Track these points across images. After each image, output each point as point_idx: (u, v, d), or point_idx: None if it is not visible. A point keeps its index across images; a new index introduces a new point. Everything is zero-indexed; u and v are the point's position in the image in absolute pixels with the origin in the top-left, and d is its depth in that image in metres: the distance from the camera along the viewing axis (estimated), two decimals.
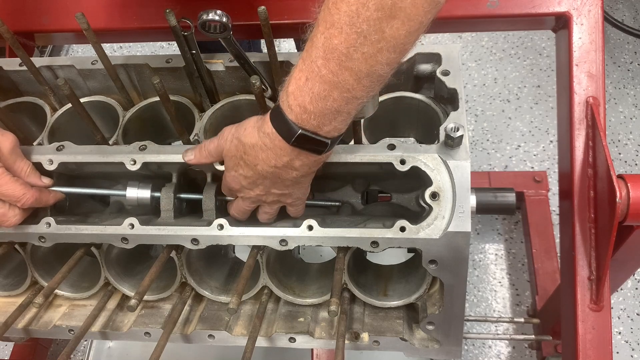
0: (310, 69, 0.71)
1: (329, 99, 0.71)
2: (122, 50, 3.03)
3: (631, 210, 1.03)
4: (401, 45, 0.68)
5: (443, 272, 0.91)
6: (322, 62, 0.69)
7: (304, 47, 0.72)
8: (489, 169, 2.47)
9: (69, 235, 0.98)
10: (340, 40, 0.67)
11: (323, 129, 0.75)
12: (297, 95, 0.73)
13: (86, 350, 2.01)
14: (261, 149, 0.80)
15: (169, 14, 0.94)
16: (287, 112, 0.75)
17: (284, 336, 1.04)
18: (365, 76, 0.69)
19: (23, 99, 1.19)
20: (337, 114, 0.73)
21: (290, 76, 0.75)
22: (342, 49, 0.67)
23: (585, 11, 1.23)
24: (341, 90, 0.70)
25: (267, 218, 0.95)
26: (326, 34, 0.67)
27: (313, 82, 0.71)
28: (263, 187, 0.87)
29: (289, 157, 0.79)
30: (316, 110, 0.73)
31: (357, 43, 0.66)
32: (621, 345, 2.06)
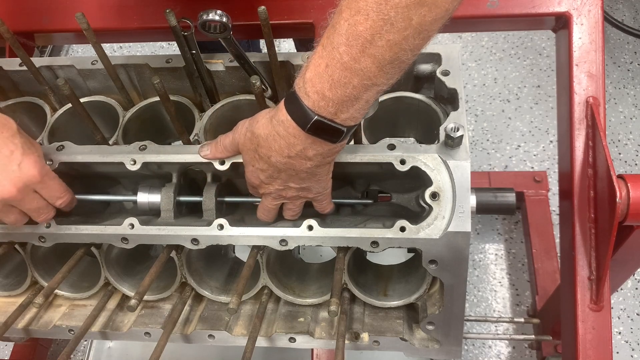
0: (331, 55, 0.70)
1: (348, 85, 0.71)
2: (122, 50, 3.03)
3: (631, 210, 1.03)
4: (426, 32, 0.68)
5: (443, 272, 0.91)
6: (345, 49, 0.69)
7: (322, 33, 0.72)
8: (489, 169, 2.47)
9: (69, 235, 0.98)
10: (366, 27, 0.66)
11: (340, 116, 0.75)
12: (316, 82, 0.73)
13: (86, 350, 2.01)
14: (274, 139, 0.80)
15: (169, 14, 0.94)
16: (304, 98, 0.74)
17: (284, 336, 1.04)
18: (388, 63, 0.69)
19: (23, 99, 1.19)
20: (355, 101, 0.73)
21: (308, 63, 0.74)
22: (367, 36, 0.67)
23: (585, 11, 1.23)
24: (362, 77, 0.70)
25: (291, 215, 0.95)
26: (350, 20, 0.67)
27: (333, 68, 0.70)
28: (280, 181, 0.87)
29: (302, 145, 0.78)
30: (335, 97, 0.72)
31: (383, 30, 0.66)
32: (621, 345, 2.06)
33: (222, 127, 1.12)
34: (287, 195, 0.90)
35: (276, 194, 0.90)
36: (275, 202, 0.92)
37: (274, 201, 0.92)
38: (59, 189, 0.94)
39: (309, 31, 1.32)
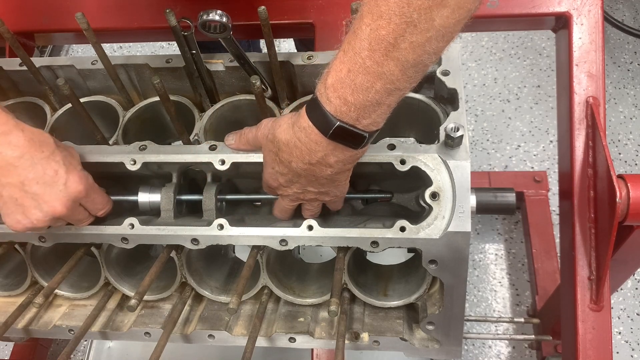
0: (353, 60, 0.70)
1: (371, 90, 0.71)
2: (122, 50, 3.03)
3: (631, 210, 1.03)
4: (449, 33, 0.68)
5: (443, 272, 0.91)
6: (367, 54, 0.69)
7: (344, 39, 0.72)
8: (489, 169, 2.47)
9: (69, 235, 0.98)
10: (389, 30, 0.66)
11: (362, 122, 0.74)
12: (338, 87, 0.72)
13: (86, 350, 2.00)
14: (295, 146, 0.80)
15: (169, 14, 0.94)
16: (326, 104, 0.74)
17: (284, 336, 1.04)
18: (412, 66, 0.69)
19: (23, 99, 1.19)
20: (377, 106, 0.73)
21: (329, 69, 0.74)
22: (390, 39, 0.67)
23: (585, 11, 1.23)
24: (385, 81, 0.70)
25: (310, 215, 0.95)
26: (373, 25, 0.67)
27: (356, 73, 0.70)
28: (300, 185, 0.87)
29: (323, 152, 0.78)
30: (357, 102, 0.72)
31: (406, 32, 0.66)
32: (621, 345, 2.06)
33: (222, 127, 1.12)
34: (305, 198, 0.90)
35: (294, 196, 0.90)
36: (293, 204, 0.93)
37: (291, 202, 0.92)
38: (101, 201, 0.96)
39: (309, 31, 1.33)
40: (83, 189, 0.89)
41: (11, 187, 0.84)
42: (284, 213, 0.96)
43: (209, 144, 0.97)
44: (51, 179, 0.85)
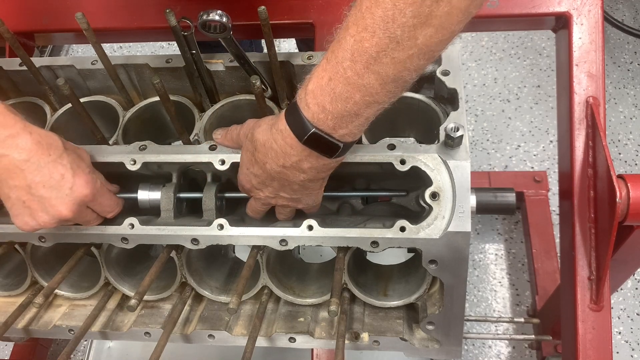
0: (335, 69, 0.71)
1: (350, 101, 0.71)
2: (122, 50, 3.03)
3: (631, 210, 1.03)
4: (431, 52, 0.68)
5: (443, 272, 0.91)
6: (349, 64, 0.69)
7: (328, 47, 0.73)
8: (489, 169, 2.47)
9: (69, 235, 0.98)
10: (372, 43, 0.67)
11: (338, 131, 0.75)
12: (317, 94, 0.73)
13: (86, 350, 2.01)
14: (271, 147, 0.81)
15: (169, 14, 0.94)
16: (304, 109, 0.75)
17: (284, 336, 1.04)
18: (392, 81, 0.70)
19: (23, 99, 1.19)
20: (355, 117, 0.73)
21: (311, 75, 0.75)
22: (372, 52, 0.67)
23: (585, 11, 1.23)
24: (364, 93, 0.71)
25: (283, 218, 0.96)
26: (357, 37, 0.68)
27: (336, 82, 0.71)
28: (272, 189, 0.87)
29: (298, 157, 0.79)
30: (335, 111, 0.73)
31: (389, 48, 0.66)
32: (621, 345, 2.06)
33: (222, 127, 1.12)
34: (277, 203, 0.91)
35: (266, 200, 0.91)
36: (264, 207, 0.94)
37: (262, 206, 0.94)
38: (109, 204, 0.96)
39: (309, 31, 1.33)
40: (89, 193, 0.89)
41: (18, 189, 0.84)
42: (256, 214, 0.96)
43: (209, 144, 0.97)
44: (57, 183, 0.85)
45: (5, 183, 0.84)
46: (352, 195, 1.09)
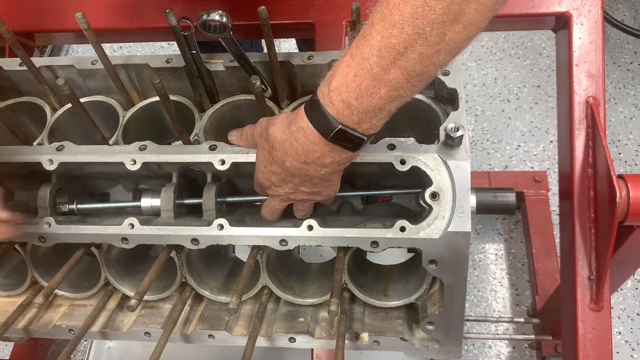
0: (360, 65, 0.71)
1: (375, 96, 0.72)
2: (122, 50, 3.03)
3: (631, 210, 1.03)
4: (457, 48, 0.69)
5: (443, 272, 0.91)
6: (376, 60, 0.69)
7: (351, 43, 0.73)
8: (489, 169, 2.47)
9: (69, 235, 0.98)
10: (400, 39, 0.67)
11: (362, 126, 0.76)
12: (342, 91, 0.73)
13: (86, 350, 2.00)
14: (290, 145, 0.81)
15: (169, 14, 0.94)
16: (328, 106, 0.75)
17: (284, 336, 1.04)
18: (417, 75, 0.70)
19: (23, 99, 1.19)
20: (379, 111, 0.74)
21: (334, 71, 0.75)
22: (400, 48, 0.67)
23: (585, 11, 1.23)
24: (390, 88, 0.71)
25: (302, 215, 0.96)
26: (384, 33, 0.68)
27: (362, 78, 0.71)
28: (292, 185, 0.87)
29: (320, 152, 0.79)
30: (360, 107, 0.73)
31: (417, 44, 0.67)
32: (621, 345, 2.06)
33: (222, 127, 1.12)
34: (296, 198, 0.91)
35: (285, 196, 0.90)
36: (283, 204, 0.93)
37: (281, 202, 0.93)
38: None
39: (309, 31, 1.32)
40: None
41: None
42: (273, 213, 0.96)
43: (209, 144, 0.97)
44: None
45: None
46: (357, 194, 1.08)
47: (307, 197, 0.90)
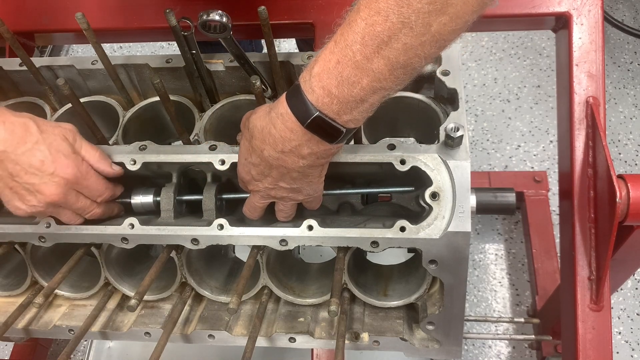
0: (343, 52, 0.69)
1: (357, 85, 0.70)
2: (122, 50, 3.03)
3: (631, 210, 1.03)
4: (443, 41, 0.68)
5: (443, 272, 0.91)
6: (359, 48, 0.68)
7: (336, 30, 0.71)
8: (489, 169, 2.47)
9: (69, 235, 0.98)
10: (384, 27, 0.65)
11: (342, 117, 0.73)
12: (324, 77, 0.71)
13: (86, 350, 2.01)
14: (269, 132, 0.78)
15: (169, 14, 0.94)
16: (308, 92, 0.73)
17: (284, 336, 1.04)
18: (401, 67, 0.69)
19: (23, 99, 1.19)
20: (360, 102, 0.72)
21: (317, 57, 0.73)
22: (384, 37, 0.66)
23: (585, 11, 1.23)
24: (372, 78, 0.69)
25: (284, 217, 0.94)
26: (369, 20, 0.66)
27: (344, 66, 0.69)
28: (271, 179, 0.85)
29: (298, 141, 0.77)
30: (340, 96, 0.71)
31: (401, 33, 0.65)
32: (621, 345, 2.06)
33: (222, 127, 1.12)
34: (277, 196, 0.89)
35: (265, 192, 0.89)
36: (263, 201, 0.91)
37: (262, 200, 0.91)
38: (97, 188, 0.95)
39: (309, 31, 1.33)
40: (72, 175, 0.89)
41: (4, 179, 0.88)
42: (254, 211, 0.94)
43: (209, 144, 0.97)
44: (38, 169, 0.87)
45: None
46: (356, 192, 1.08)
47: (287, 195, 0.88)
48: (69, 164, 0.89)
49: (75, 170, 0.90)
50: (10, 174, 0.87)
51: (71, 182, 0.90)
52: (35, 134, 0.87)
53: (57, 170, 0.88)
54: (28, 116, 0.90)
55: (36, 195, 0.89)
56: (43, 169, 0.87)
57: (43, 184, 0.88)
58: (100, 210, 0.97)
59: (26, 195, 0.89)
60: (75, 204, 0.93)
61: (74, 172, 0.90)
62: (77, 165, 0.91)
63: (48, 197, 0.89)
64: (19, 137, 0.86)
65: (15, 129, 0.86)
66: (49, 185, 0.88)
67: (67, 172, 0.89)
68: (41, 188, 0.88)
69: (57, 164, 0.88)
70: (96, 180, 0.95)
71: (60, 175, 0.88)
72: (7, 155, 0.85)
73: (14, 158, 0.86)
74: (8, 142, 0.85)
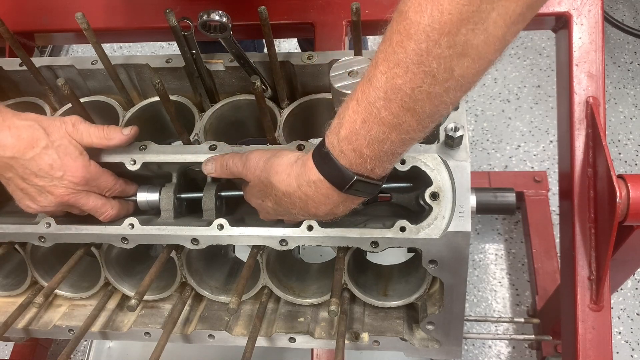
0: (368, 110, 0.67)
1: (386, 142, 0.68)
2: (122, 50, 3.03)
3: (631, 210, 1.03)
4: (467, 84, 0.64)
5: (443, 272, 0.91)
6: (383, 104, 0.65)
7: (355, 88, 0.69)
8: (489, 169, 2.47)
9: (69, 235, 0.98)
10: (405, 80, 0.63)
11: (376, 172, 0.72)
12: (352, 140, 0.69)
13: (86, 350, 2.01)
14: (299, 198, 0.78)
15: (169, 14, 0.94)
16: (340, 157, 0.71)
17: (284, 336, 1.04)
18: (428, 117, 0.66)
19: (23, 99, 1.19)
20: (392, 156, 0.71)
21: (340, 119, 0.70)
22: (407, 90, 0.63)
23: (585, 11, 1.23)
24: (400, 132, 0.67)
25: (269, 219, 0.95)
26: (389, 73, 0.63)
27: (371, 124, 0.67)
28: (293, 217, 0.86)
29: (333, 204, 0.77)
30: (372, 155, 0.70)
31: (425, 83, 0.62)
32: (621, 345, 2.07)
33: (222, 127, 1.12)
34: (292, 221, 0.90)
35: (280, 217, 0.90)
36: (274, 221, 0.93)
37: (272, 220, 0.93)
38: (107, 185, 0.96)
39: (309, 31, 1.33)
40: (81, 177, 0.91)
41: (14, 180, 0.90)
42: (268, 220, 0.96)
43: (209, 144, 0.97)
44: (47, 173, 0.88)
45: (1, 175, 0.90)
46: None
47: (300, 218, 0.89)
48: (77, 167, 0.90)
49: (85, 173, 0.91)
50: (21, 177, 0.88)
51: (80, 184, 0.91)
52: (43, 138, 0.88)
53: (66, 173, 0.89)
54: (33, 118, 0.90)
55: (47, 196, 0.90)
56: (52, 173, 0.88)
57: (52, 186, 0.89)
58: (114, 211, 0.98)
59: (37, 196, 0.91)
60: (86, 204, 0.94)
61: (83, 174, 0.91)
62: (85, 167, 0.92)
63: (57, 197, 0.90)
64: (26, 142, 0.87)
65: (21, 133, 0.87)
66: (59, 187, 0.90)
67: (76, 175, 0.90)
68: (51, 190, 0.90)
69: (65, 168, 0.89)
70: (105, 178, 0.96)
71: (69, 179, 0.90)
72: (17, 161, 0.87)
73: (23, 163, 0.87)
74: (16, 148, 0.86)
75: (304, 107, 1.08)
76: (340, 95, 0.84)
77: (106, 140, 0.94)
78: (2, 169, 0.89)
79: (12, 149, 0.86)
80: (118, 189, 0.98)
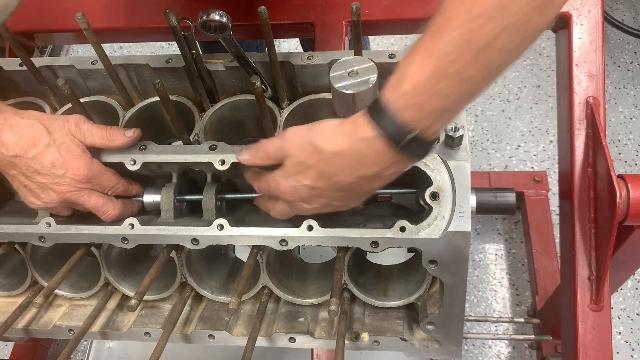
0: (436, 65, 0.65)
1: (450, 97, 0.66)
2: (122, 50, 3.03)
3: (631, 210, 1.03)
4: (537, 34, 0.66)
5: (443, 272, 0.91)
6: (454, 58, 0.64)
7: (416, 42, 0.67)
8: (489, 169, 2.47)
9: (69, 235, 0.98)
10: (482, 33, 0.62)
11: (429, 130, 0.70)
12: (415, 94, 0.67)
13: (86, 350, 2.01)
14: (350, 157, 0.73)
15: (169, 14, 0.94)
16: (398, 113, 0.68)
17: (284, 336, 1.04)
18: (496, 70, 0.66)
19: (23, 99, 1.19)
20: (450, 113, 0.69)
21: (402, 74, 0.68)
22: (482, 44, 0.63)
23: (585, 11, 1.23)
24: (467, 86, 0.66)
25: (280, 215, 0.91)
26: (463, 28, 0.63)
27: (438, 79, 0.65)
28: (325, 201, 0.81)
29: (384, 164, 0.73)
30: (433, 110, 0.67)
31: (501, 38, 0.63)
32: (621, 345, 2.06)
33: (222, 127, 1.12)
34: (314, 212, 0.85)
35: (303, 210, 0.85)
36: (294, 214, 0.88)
37: (292, 212, 0.87)
38: (109, 184, 0.96)
39: (309, 31, 1.33)
40: (83, 175, 0.91)
41: (18, 177, 0.91)
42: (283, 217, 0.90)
43: (209, 144, 0.97)
44: (49, 170, 0.89)
45: (5, 172, 0.92)
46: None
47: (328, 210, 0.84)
48: (79, 165, 0.91)
49: (87, 171, 0.92)
50: (24, 174, 0.90)
51: (82, 181, 0.92)
52: (45, 136, 0.89)
53: (68, 171, 0.90)
54: (35, 116, 0.91)
55: (49, 193, 0.91)
56: (53, 171, 0.89)
57: (55, 184, 0.90)
58: (117, 211, 0.97)
59: (40, 193, 0.92)
60: (87, 202, 0.95)
61: (85, 172, 0.92)
62: (87, 165, 0.92)
63: (59, 194, 0.91)
64: (28, 141, 0.88)
65: (23, 132, 0.88)
66: (61, 185, 0.91)
67: (78, 174, 0.91)
68: (53, 187, 0.91)
69: (67, 165, 0.90)
70: (108, 177, 0.96)
71: (71, 176, 0.91)
72: (20, 159, 0.88)
73: (26, 161, 0.88)
74: (18, 147, 0.87)
75: (304, 107, 1.08)
76: (341, 95, 0.84)
77: (108, 141, 0.95)
78: (6, 167, 0.90)
79: (14, 147, 0.87)
80: (120, 188, 0.99)
